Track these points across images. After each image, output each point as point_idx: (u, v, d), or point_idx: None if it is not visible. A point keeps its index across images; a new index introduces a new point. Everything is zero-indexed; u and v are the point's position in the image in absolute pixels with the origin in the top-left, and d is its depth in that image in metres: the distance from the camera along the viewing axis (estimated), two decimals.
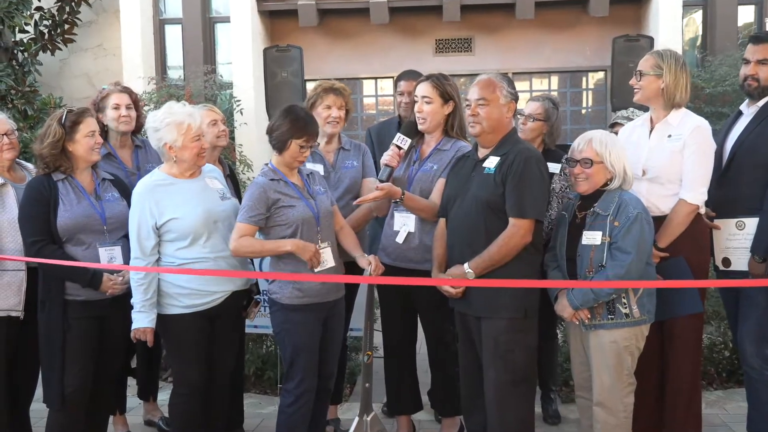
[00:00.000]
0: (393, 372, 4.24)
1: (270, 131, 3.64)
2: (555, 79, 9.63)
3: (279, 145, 3.61)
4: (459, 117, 3.94)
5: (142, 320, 3.51)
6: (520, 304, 3.43)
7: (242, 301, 3.85)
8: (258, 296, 4.04)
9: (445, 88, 3.90)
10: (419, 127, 3.95)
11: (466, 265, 3.45)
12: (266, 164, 3.71)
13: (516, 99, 3.59)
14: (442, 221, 3.73)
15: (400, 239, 3.95)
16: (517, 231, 3.38)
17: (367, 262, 3.67)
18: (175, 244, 3.55)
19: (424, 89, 3.92)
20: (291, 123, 3.58)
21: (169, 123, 3.57)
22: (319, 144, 4.10)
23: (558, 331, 4.81)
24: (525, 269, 3.44)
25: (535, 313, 3.52)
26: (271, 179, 3.61)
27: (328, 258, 3.64)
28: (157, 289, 3.56)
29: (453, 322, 3.84)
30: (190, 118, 3.61)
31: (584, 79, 9.58)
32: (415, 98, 3.97)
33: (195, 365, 3.62)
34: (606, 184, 3.48)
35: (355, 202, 4.03)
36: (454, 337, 3.97)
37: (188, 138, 3.58)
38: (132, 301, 3.53)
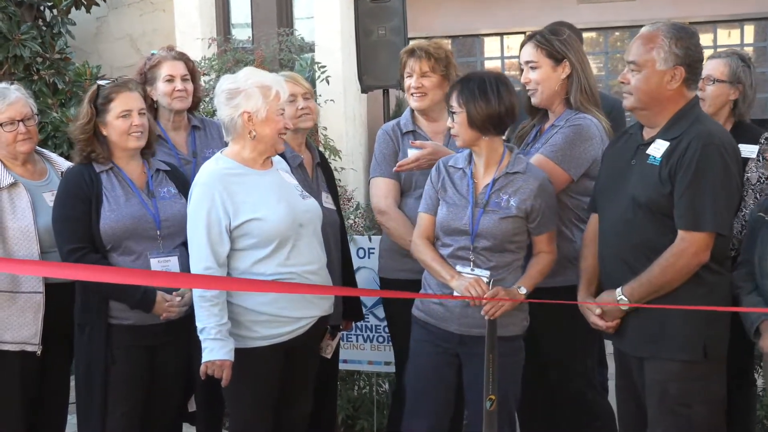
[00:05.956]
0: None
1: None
2: (749, 30, 9.40)
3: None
4: (580, 80, 3.90)
5: (217, 351, 3.49)
6: (698, 341, 3.33)
7: (323, 329, 3.93)
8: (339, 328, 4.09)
9: (552, 45, 3.88)
10: (532, 101, 3.97)
11: (618, 290, 3.39)
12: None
13: (690, 62, 3.37)
14: (593, 218, 3.68)
15: None
16: (687, 248, 3.27)
17: None
18: (252, 255, 3.59)
19: (526, 53, 3.94)
20: None
21: (253, 84, 3.61)
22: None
23: (757, 376, 4.70)
24: (702, 295, 3.33)
25: (722, 352, 3.43)
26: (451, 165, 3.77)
27: None
28: None
29: (585, 361, 3.92)
30: (279, 85, 3.67)
31: None
32: (521, 66, 3.98)
33: (263, 411, 3.68)
34: None
35: (394, 169, 4.11)
36: (588, 383, 4.00)
37: (274, 109, 3.62)
38: (199, 325, 3.52)
